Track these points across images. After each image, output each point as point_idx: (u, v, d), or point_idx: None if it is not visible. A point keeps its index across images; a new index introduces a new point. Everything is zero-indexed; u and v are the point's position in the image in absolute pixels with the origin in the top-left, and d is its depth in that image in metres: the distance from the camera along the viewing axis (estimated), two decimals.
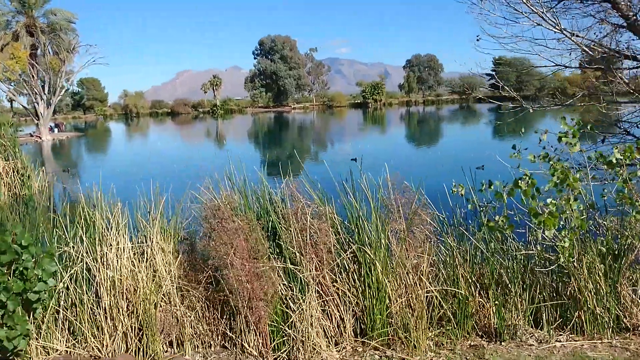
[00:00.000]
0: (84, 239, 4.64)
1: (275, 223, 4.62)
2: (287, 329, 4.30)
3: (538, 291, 4.55)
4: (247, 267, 4.20)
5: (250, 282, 4.19)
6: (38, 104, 41.64)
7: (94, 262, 4.60)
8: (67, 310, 4.54)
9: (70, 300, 4.56)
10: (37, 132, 43.86)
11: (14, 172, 14.35)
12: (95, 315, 4.50)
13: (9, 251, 3.77)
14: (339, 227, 4.62)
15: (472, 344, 4.37)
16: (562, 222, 4.13)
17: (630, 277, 4.59)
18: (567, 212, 4.11)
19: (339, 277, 4.49)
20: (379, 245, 4.46)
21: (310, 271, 4.38)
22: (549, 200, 3.99)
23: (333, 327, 4.41)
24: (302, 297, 4.34)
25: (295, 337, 4.27)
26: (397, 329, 4.34)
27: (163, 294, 4.55)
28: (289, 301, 4.38)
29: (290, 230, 4.50)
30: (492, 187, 5.12)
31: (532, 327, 4.47)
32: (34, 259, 4.06)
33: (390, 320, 4.40)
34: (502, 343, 4.32)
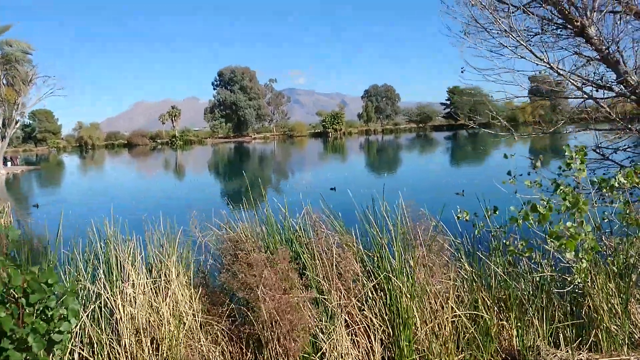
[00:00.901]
0: (101, 274, 4.51)
1: (300, 253, 4.64)
2: (317, 359, 4.28)
3: (554, 312, 4.71)
4: (278, 299, 4.18)
5: (281, 314, 4.16)
6: None
7: (112, 298, 4.46)
8: (84, 349, 4.37)
9: (87, 339, 4.39)
10: None
11: None
12: (116, 355, 4.34)
13: (38, 290, 3.63)
14: (363, 255, 4.67)
15: None
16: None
17: (637, 295, 4.83)
18: (582, 235, 4.32)
19: (365, 305, 4.52)
20: (402, 272, 4.54)
21: (338, 300, 4.40)
22: (568, 224, 4.19)
23: (361, 356, 4.41)
24: (331, 327, 4.34)
25: None
26: (424, 356, 4.39)
27: (186, 330, 4.45)
28: (318, 331, 4.36)
29: (315, 260, 4.52)
30: (496, 212, 5.33)
31: (552, 347, 4.61)
32: (57, 298, 3.91)
33: (416, 346, 4.44)
34: None
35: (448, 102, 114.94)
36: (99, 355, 4.33)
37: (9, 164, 48.20)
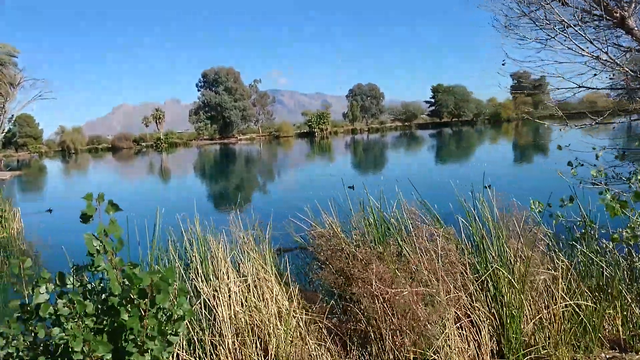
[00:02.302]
0: (200, 274, 4.35)
1: (402, 247, 4.53)
2: (431, 354, 4.18)
3: None
4: (390, 294, 4.07)
5: (394, 310, 4.06)
6: None
7: (211, 297, 4.31)
8: (182, 349, 4.20)
9: (188, 339, 4.22)
10: None
11: None
12: (219, 356, 4.19)
13: (163, 291, 3.46)
14: (463, 248, 4.59)
15: (607, 356, 4.42)
16: None
17: None
18: None
19: (471, 298, 4.43)
20: (504, 264, 4.47)
21: (447, 294, 4.31)
22: None
23: (471, 350, 4.33)
24: (440, 322, 4.24)
25: None
26: (533, 349, 4.32)
27: (291, 328, 4.31)
28: (429, 326, 4.26)
29: (418, 253, 4.42)
30: (572, 201, 5.31)
31: None
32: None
33: (525, 339, 4.37)
34: (638, 353, 4.39)
35: (432, 100, 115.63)
36: (201, 356, 4.17)
37: None
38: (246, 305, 4.29)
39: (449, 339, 4.19)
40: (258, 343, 4.17)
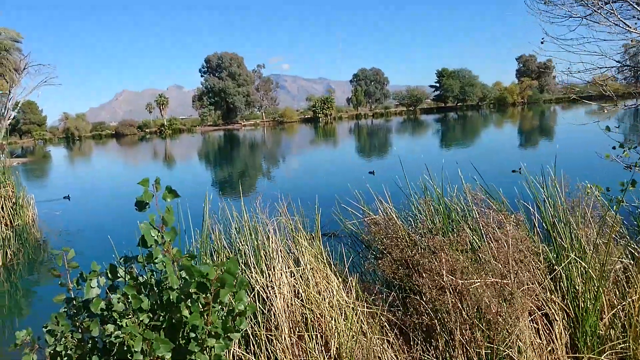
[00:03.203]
0: (252, 264, 4.05)
1: (470, 235, 4.22)
2: (504, 349, 3.89)
3: None
4: (460, 286, 3.78)
5: (465, 301, 3.76)
6: None
7: (265, 289, 4.02)
8: (237, 346, 3.93)
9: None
10: None
11: (4, 200, 13.01)
12: (276, 352, 3.91)
13: (228, 285, 3.16)
14: (532, 236, 4.28)
15: None
16: None
17: None
18: None
19: (544, 289, 4.13)
20: (577, 252, 4.16)
21: (519, 285, 4.00)
22: None
23: (544, 344, 4.04)
24: (511, 312, 3.94)
25: (512, 356, 3.87)
26: (613, 343, 4.03)
27: (352, 322, 4.02)
28: (500, 319, 3.97)
29: (487, 242, 4.11)
30: (634, 185, 4.98)
31: None
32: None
33: (601, 332, 4.08)
34: None
35: (437, 85, 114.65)
36: (256, 352, 3.90)
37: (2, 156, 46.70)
38: (302, 298, 4.00)
39: (521, 333, 3.90)
40: (319, 338, 3.88)
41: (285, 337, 3.90)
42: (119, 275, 3.48)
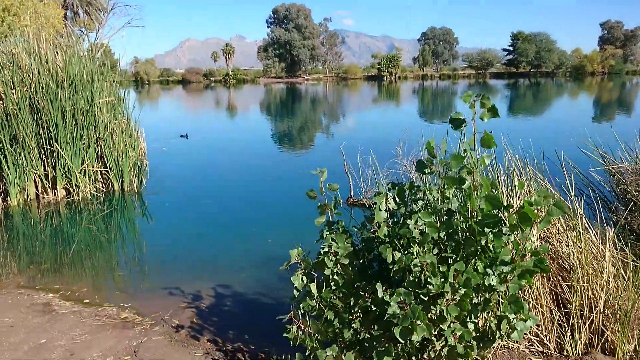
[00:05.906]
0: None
1: None
2: None
3: None
4: None
5: None
6: None
7: None
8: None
9: None
10: None
11: (122, 132, 13.09)
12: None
13: (545, 221, 2.83)
14: None
15: None
16: None
17: None
18: None
19: None
20: None
21: None
22: None
23: None
24: None
25: None
26: None
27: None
28: None
29: None
30: None
31: None
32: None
33: None
34: None
35: (511, 49, 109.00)
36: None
37: None
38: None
39: None
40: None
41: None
42: (401, 201, 3.24)
